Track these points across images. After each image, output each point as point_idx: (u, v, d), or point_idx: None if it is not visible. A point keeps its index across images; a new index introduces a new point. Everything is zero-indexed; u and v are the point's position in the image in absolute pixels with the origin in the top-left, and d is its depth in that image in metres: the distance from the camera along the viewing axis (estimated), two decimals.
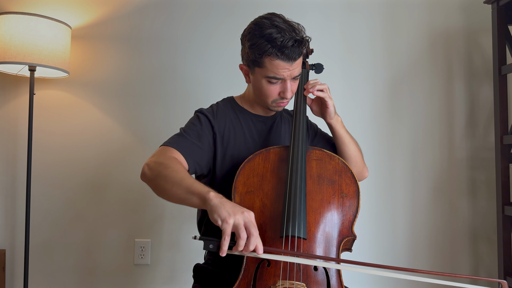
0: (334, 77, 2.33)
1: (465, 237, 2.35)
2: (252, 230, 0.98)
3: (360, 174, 1.56)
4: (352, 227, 1.22)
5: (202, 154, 1.37)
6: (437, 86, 2.38)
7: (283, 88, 1.35)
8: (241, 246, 0.98)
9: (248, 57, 1.35)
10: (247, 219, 1.00)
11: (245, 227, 0.99)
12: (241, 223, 0.99)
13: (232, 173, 1.37)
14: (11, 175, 2.23)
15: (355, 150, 1.50)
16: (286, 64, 1.30)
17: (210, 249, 1.01)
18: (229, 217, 0.99)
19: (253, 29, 1.33)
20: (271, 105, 1.41)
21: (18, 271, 2.19)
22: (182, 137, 1.36)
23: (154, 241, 2.26)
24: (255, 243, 0.98)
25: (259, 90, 1.39)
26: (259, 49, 1.29)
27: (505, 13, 2.13)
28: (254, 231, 0.99)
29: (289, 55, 1.28)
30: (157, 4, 2.31)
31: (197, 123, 1.41)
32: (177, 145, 1.32)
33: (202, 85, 2.30)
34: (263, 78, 1.35)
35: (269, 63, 1.30)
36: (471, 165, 2.37)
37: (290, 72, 1.32)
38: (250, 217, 1.01)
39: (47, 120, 2.24)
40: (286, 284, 1.10)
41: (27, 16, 1.95)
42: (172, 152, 1.29)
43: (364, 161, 1.57)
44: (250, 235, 0.98)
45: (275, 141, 1.50)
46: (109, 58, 2.28)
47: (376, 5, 2.39)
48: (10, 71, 2.13)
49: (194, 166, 1.35)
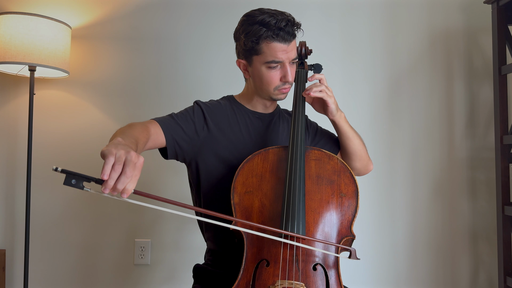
0: (334, 77, 2.33)
1: (465, 237, 2.35)
2: (127, 169, 0.88)
3: (365, 168, 1.58)
4: (351, 227, 1.23)
5: (184, 137, 1.37)
6: (437, 86, 2.38)
7: (284, 72, 1.37)
8: (111, 179, 0.87)
9: (245, 48, 1.38)
10: (130, 157, 0.89)
11: (123, 164, 0.89)
12: (122, 158, 0.89)
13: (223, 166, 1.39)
14: (11, 175, 2.23)
15: (359, 144, 1.51)
16: (283, 46, 1.33)
17: (72, 184, 0.89)
18: (113, 149, 0.90)
19: (245, 21, 1.37)
20: (274, 93, 1.42)
21: (18, 271, 2.19)
22: (169, 117, 1.40)
23: (154, 241, 2.26)
24: (125, 182, 0.88)
25: (260, 80, 1.41)
26: (255, 35, 1.33)
27: (505, 13, 2.13)
28: (129, 171, 0.88)
29: (284, 36, 1.32)
30: (157, 4, 2.31)
31: (190, 111, 1.44)
32: (160, 120, 1.36)
33: (202, 84, 2.30)
34: (263, 65, 1.37)
35: (267, 47, 1.33)
36: (471, 165, 2.37)
37: (287, 55, 1.35)
38: (134, 158, 0.90)
39: (47, 120, 2.24)
40: (285, 284, 1.10)
41: (27, 16, 1.95)
42: (151, 123, 1.33)
43: (368, 155, 1.58)
44: (123, 173, 0.88)
45: (272, 138, 1.50)
46: (109, 58, 2.28)
47: (376, 5, 2.38)
48: (10, 71, 2.13)
49: (173, 143, 1.35)
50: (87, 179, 0.90)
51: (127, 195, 0.90)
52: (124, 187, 0.89)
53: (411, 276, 2.32)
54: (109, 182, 0.87)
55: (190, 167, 1.46)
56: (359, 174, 1.59)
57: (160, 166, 2.20)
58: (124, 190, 0.89)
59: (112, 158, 0.88)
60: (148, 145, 1.27)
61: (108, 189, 0.88)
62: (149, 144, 1.27)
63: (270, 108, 1.54)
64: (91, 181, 0.90)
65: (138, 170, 0.91)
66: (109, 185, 0.87)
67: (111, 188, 0.88)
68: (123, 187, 0.88)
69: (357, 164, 1.54)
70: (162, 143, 1.34)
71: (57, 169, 0.86)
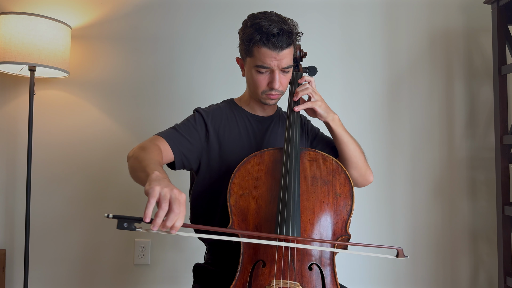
0: (334, 77, 2.34)
1: (465, 237, 2.34)
2: (174, 207, 0.93)
3: (363, 177, 1.48)
4: (346, 226, 1.23)
5: (191, 148, 1.39)
6: (437, 86, 2.38)
7: (271, 78, 1.37)
8: (159, 218, 0.93)
9: (241, 48, 1.41)
10: (174, 195, 0.94)
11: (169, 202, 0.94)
12: (167, 196, 0.94)
13: (226, 170, 1.39)
14: (11, 175, 2.24)
15: (356, 150, 1.45)
16: (272, 53, 1.32)
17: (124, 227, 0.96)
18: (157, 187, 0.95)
19: (246, 22, 1.39)
20: (262, 96, 1.42)
21: (18, 271, 2.20)
22: (173, 130, 1.41)
23: (154, 241, 2.26)
24: (173, 219, 0.93)
25: (249, 81, 1.44)
26: (248, 38, 1.34)
27: (505, 13, 2.12)
28: (176, 208, 0.93)
29: (275, 43, 1.31)
30: (157, 4, 2.31)
31: (191, 120, 1.45)
32: (166, 136, 1.37)
33: (202, 84, 2.30)
34: (253, 68, 1.38)
35: (257, 52, 1.34)
36: (471, 165, 2.36)
37: (277, 62, 1.34)
38: (178, 195, 0.95)
39: (47, 120, 2.24)
40: (280, 284, 1.10)
41: (27, 16, 1.96)
42: (159, 140, 1.34)
43: (367, 164, 1.50)
44: (171, 210, 0.93)
45: (272, 141, 1.51)
46: (109, 58, 2.29)
47: (376, 5, 2.38)
48: (10, 71, 2.14)
49: (181, 157, 1.38)
50: (137, 221, 0.96)
51: (176, 231, 0.96)
52: (173, 224, 0.94)
53: (411, 276, 2.32)
54: (157, 220, 0.93)
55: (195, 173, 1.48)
56: (357, 185, 1.49)
57: None
58: (173, 227, 0.95)
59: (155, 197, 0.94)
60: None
61: (156, 227, 0.93)
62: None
63: (269, 111, 1.55)
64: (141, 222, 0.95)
65: (184, 206, 0.96)
66: (157, 224, 0.93)
67: (159, 225, 0.93)
68: (172, 224, 0.94)
69: (354, 172, 1.45)
70: (171, 158, 1.36)
71: (109, 216, 0.94)
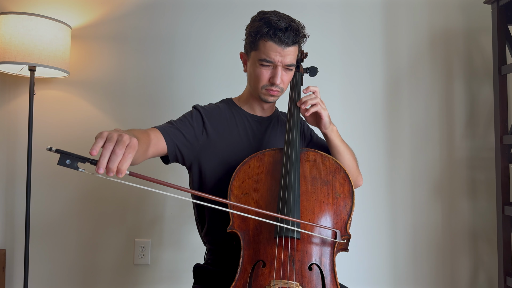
0: (334, 77, 2.34)
1: (465, 237, 2.34)
2: (117, 148, 0.88)
3: (354, 182, 1.53)
4: (346, 226, 1.23)
5: (184, 142, 1.39)
6: (437, 86, 2.38)
7: (274, 73, 1.38)
8: (103, 157, 0.87)
9: (247, 41, 1.42)
10: (121, 137, 0.90)
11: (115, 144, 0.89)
12: (114, 138, 0.90)
13: (222, 169, 1.40)
14: (11, 175, 2.24)
15: (350, 159, 1.49)
16: (278, 47, 1.34)
17: (67, 164, 0.88)
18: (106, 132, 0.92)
19: (255, 16, 1.41)
20: (262, 92, 1.43)
21: (18, 271, 2.20)
22: (169, 124, 1.42)
23: (154, 241, 2.26)
24: (115, 160, 0.87)
25: (251, 75, 1.44)
26: (256, 31, 1.36)
27: (505, 13, 2.12)
28: (118, 149, 0.88)
29: (282, 38, 1.33)
30: (157, 4, 2.31)
31: (188, 116, 1.45)
32: (161, 128, 1.37)
33: (202, 84, 2.30)
34: (256, 61, 1.39)
35: (263, 45, 1.35)
36: (471, 165, 2.36)
37: (281, 58, 1.36)
38: (126, 138, 0.90)
39: (47, 120, 2.24)
40: (279, 284, 1.10)
41: (27, 16, 1.96)
42: (152, 129, 1.34)
43: (359, 169, 1.57)
44: (113, 151, 0.88)
45: (270, 142, 1.51)
46: (109, 58, 2.29)
47: (376, 5, 2.38)
48: (10, 71, 2.14)
49: (174, 149, 1.37)
50: (81, 160, 0.89)
51: (122, 174, 0.89)
52: (117, 167, 0.88)
53: (411, 276, 2.32)
54: (101, 160, 0.86)
55: (191, 171, 1.48)
56: None
57: (160, 168, 2.19)
58: (118, 170, 0.88)
59: (103, 138, 0.89)
60: (151, 151, 1.28)
61: (101, 169, 0.87)
62: (151, 150, 1.28)
63: (268, 111, 1.55)
64: (85, 161, 0.89)
65: (131, 149, 0.90)
66: (101, 164, 0.86)
67: (104, 167, 0.87)
68: (114, 165, 0.87)
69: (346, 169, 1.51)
70: (164, 148, 1.34)
71: (51, 148, 0.85)
